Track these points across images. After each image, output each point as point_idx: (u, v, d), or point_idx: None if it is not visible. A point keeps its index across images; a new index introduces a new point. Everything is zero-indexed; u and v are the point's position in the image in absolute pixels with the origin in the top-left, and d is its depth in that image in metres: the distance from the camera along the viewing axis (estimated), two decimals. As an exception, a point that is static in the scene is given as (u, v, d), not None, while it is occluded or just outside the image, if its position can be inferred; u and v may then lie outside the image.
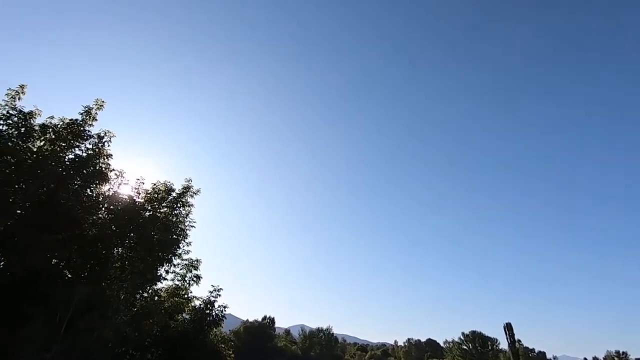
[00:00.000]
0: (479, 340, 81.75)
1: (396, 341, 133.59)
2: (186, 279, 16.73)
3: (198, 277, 16.78)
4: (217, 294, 16.89)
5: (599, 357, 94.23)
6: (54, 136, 13.43)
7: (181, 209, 16.21)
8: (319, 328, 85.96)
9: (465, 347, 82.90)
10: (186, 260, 16.57)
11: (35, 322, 10.67)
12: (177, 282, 16.74)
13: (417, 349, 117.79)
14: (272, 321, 78.50)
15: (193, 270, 16.79)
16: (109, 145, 14.51)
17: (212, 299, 16.77)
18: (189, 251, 16.47)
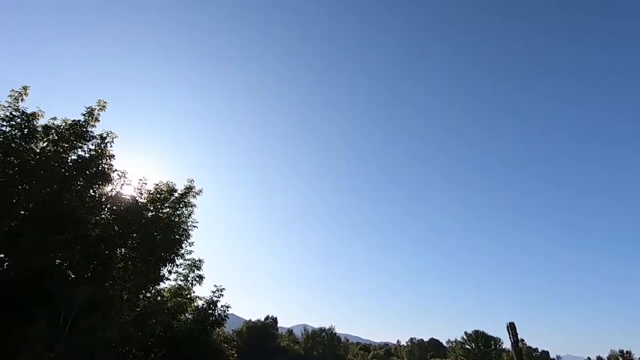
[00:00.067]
0: (481, 339, 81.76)
1: (399, 341, 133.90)
2: (189, 279, 16.78)
3: (201, 277, 16.83)
4: (220, 294, 16.93)
5: (603, 356, 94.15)
6: (56, 137, 13.47)
7: (183, 209, 16.25)
8: (322, 328, 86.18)
9: (468, 346, 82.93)
10: (189, 260, 16.62)
11: (38, 322, 10.70)
12: (179, 282, 16.80)
13: (420, 349, 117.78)
14: (275, 321, 78.77)
15: (196, 270, 16.84)
16: (111, 146, 14.56)
17: (215, 299, 16.81)
18: (192, 251, 16.55)
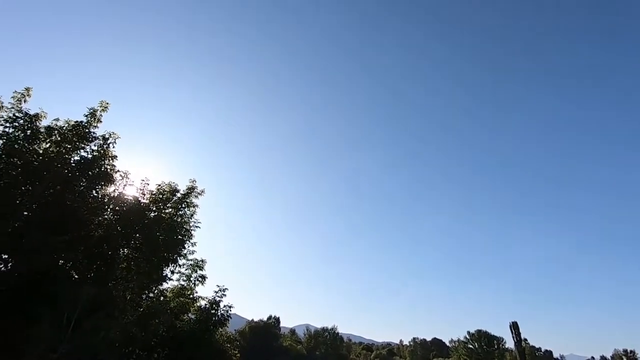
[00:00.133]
0: (484, 339, 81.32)
1: (401, 340, 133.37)
2: (191, 279, 16.84)
3: (203, 277, 16.90)
4: (223, 294, 17.01)
5: (607, 356, 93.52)
6: (59, 138, 13.53)
7: (186, 209, 16.28)
8: (324, 327, 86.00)
9: (471, 346, 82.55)
10: (191, 260, 16.69)
11: (42, 323, 10.75)
12: (182, 282, 16.87)
13: (423, 348, 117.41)
14: (277, 321, 78.51)
15: (198, 270, 16.90)
16: (113, 147, 14.62)
17: (218, 299, 16.88)
18: (194, 251, 16.60)
